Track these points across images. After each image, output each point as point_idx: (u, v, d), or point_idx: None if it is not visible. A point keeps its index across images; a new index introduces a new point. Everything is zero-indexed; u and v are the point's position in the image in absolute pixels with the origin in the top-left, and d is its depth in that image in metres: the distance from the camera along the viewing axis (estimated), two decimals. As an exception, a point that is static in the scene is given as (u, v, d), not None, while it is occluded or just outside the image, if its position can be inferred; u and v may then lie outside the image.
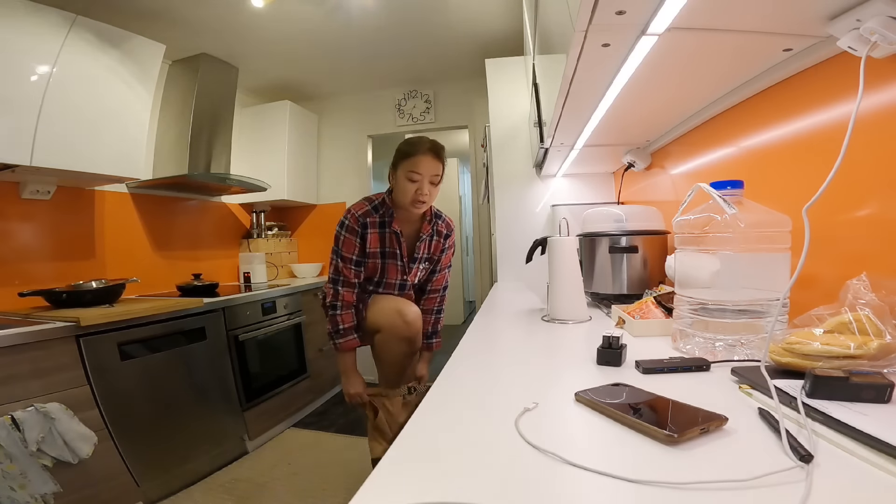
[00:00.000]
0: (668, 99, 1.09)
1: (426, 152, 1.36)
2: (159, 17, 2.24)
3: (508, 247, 2.30)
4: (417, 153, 1.36)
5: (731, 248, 0.74)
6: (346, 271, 1.41)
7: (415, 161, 1.36)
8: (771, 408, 0.51)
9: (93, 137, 1.90)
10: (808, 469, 0.39)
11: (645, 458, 0.44)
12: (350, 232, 1.40)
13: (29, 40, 1.71)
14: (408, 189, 1.37)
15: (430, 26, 2.59)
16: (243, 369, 2.27)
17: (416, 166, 1.35)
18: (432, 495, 0.39)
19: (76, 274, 2.09)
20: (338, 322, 1.41)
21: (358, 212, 1.41)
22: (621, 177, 1.97)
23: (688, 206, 0.82)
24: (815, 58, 0.76)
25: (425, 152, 1.36)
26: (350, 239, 1.40)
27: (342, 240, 1.41)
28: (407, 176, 1.36)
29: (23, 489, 1.28)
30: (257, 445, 2.31)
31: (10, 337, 1.35)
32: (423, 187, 1.36)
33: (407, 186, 1.37)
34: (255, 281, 2.95)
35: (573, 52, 0.77)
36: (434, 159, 1.37)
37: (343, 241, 1.41)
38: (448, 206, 5.56)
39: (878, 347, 0.53)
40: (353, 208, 1.43)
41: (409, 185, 1.36)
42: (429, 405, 0.63)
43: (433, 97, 3.53)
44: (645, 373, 0.70)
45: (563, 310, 1.19)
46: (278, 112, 3.24)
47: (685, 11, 0.63)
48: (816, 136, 0.79)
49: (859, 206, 0.70)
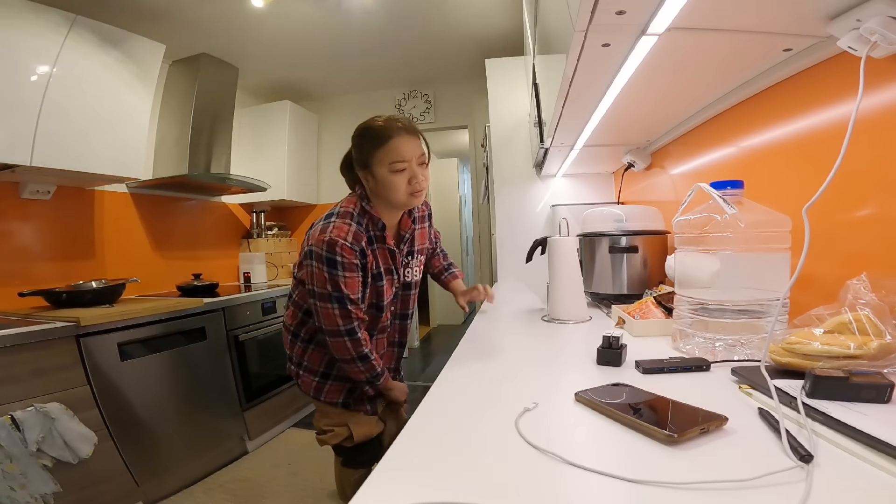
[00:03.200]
0: (668, 99, 1.09)
1: (400, 132, 1.07)
2: (159, 17, 2.24)
3: (508, 247, 2.30)
4: (391, 136, 1.06)
5: (731, 248, 0.74)
6: (358, 312, 1.11)
7: (392, 147, 1.06)
8: (771, 408, 0.51)
9: (93, 137, 1.90)
10: (808, 469, 0.39)
11: (645, 458, 0.44)
12: (350, 270, 1.07)
13: (29, 40, 1.71)
14: (397, 184, 1.07)
15: (431, 26, 2.59)
16: (243, 369, 2.27)
17: (397, 152, 1.06)
18: (432, 495, 0.39)
19: (76, 274, 2.09)
20: (374, 367, 1.15)
21: (347, 239, 1.06)
22: (621, 177, 1.97)
23: (688, 206, 0.82)
24: (815, 58, 0.76)
25: (399, 132, 1.07)
26: (353, 278, 1.09)
27: (344, 282, 1.06)
28: (389, 169, 1.06)
29: (23, 489, 1.28)
30: (257, 445, 2.31)
31: (10, 337, 1.35)
32: (415, 174, 1.08)
33: (394, 181, 1.07)
34: (255, 281, 2.95)
35: (573, 52, 0.77)
36: (412, 136, 1.09)
37: (346, 284, 1.07)
38: (448, 206, 5.56)
39: (878, 347, 0.53)
40: (336, 234, 1.05)
41: (395, 178, 1.07)
42: (429, 405, 0.63)
43: (433, 97, 3.53)
44: (645, 373, 0.70)
45: (563, 310, 1.19)
46: (278, 112, 3.25)
47: (685, 11, 0.63)
48: (816, 137, 0.79)
49: (859, 206, 0.70)
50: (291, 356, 1.27)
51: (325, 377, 1.24)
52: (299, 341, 1.25)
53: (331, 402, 1.23)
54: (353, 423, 1.23)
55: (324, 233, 1.07)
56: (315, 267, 1.07)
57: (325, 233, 1.06)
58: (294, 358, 1.27)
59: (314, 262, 1.07)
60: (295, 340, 1.25)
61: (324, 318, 1.10)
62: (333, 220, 1.10)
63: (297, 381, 1.27)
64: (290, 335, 1.27)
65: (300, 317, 1.24)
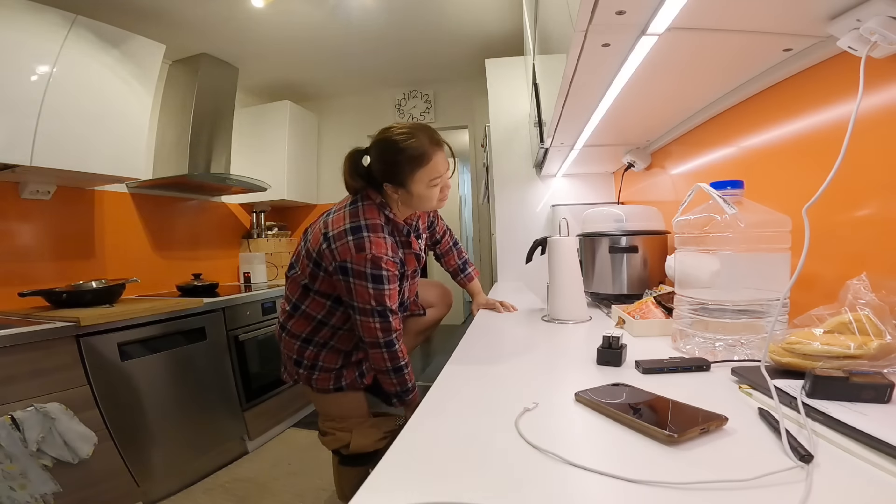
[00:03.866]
0: (668, 99, 1.09)
1: (436, 148, 1.10)
2: (159, 17, 2.24)
3: (508, 247, 2.30)
4: (432, 155, 1.09)
5: (731, 248, 0.74)
6: (397, 323, 1.13)
7: (433, 165, 1.10)
8: (771, 408, 0.51)
9: (93, 137, 1.90)
10: (808, 469, 0.39)
11: (645, 458, 0.44)
12: (393, 282, 1.10)
13: (29, 40, 1.71)
14: (433, 196, 1.14)
15: (431, 26, 2.59)
16: (243, 369, 2.27)
17: (436, 170, 1.11)
18: (432, 495, 0.39)
19: (76, 274, 2.09)
20: (407, 380, 1.17)
21: (388, 253, 1.09)
22: (621, 177, 1.97)
23: (688, 206, 0.82)
24: (815, 58, 0.76)
25: (436, 149, 1.10)
26: (395, 289, 1.11)
27: (388, 295, 1.08)
28: (428, 185, 1.11)
29: (23, 489, 1.28)
30: (257, 445, 2.30)
31: (10, 337, 1.35)
32: (447, 184, 1.15)
33: (430, 194, 1.13)
34: (255, 281, 2.95)
35: (573, 52, 0.77)
36: (442, 150, 1.13)
37: (390, 296, 1.09)
38: (448, 206, 5.56)
39: (878, 347, 0.53)
40: (378, 251, 1.07)
41: (432, 191, 1.13)
42: (429, 405, 0.63)
43: (433, 97, 3.53)
44: (645, 373, 0.70)
45: (563, 310, 1.19)
46: (278, 112, 3.25)
47: (685, 11, 0.63)
48: (816, 136, 0.79)
49: (859, 206, 0.70)
50: (300, 360, 1.25)
51: (341, 368, 1.25)
52: (312, 346, 1.24)
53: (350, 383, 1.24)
54: (356, 433, 1.25)
55: (362, 250, 1.06)
56: (357, 284, 1.07)
57: (365, 250, 1.06)
58: (305, 362, 1.25)
59: (354, 279, 1.07)
60: (306, 346, 1.24)
61: (364, 331, 1.11)
62: (367, 235, 1.08)
63: (307, 382, 1.25)
64: (298, 341, 1.24)
65: (314, 325, 1.23)
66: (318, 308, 1.20)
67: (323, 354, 1.24)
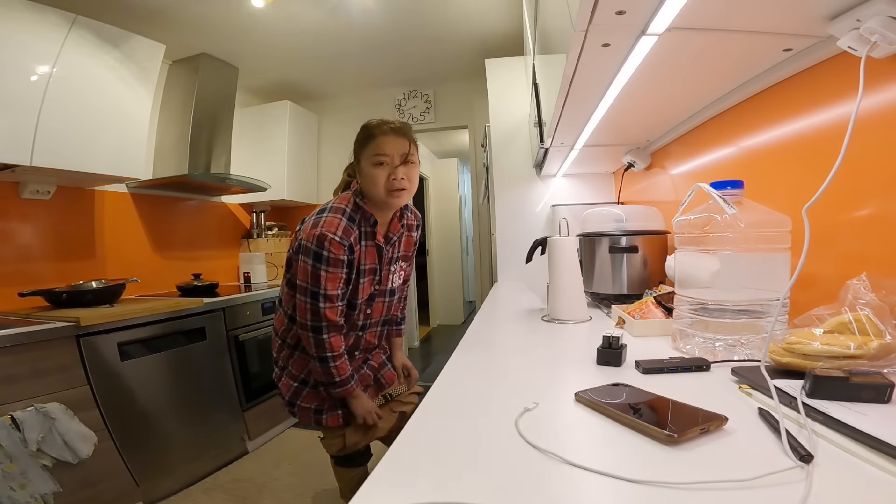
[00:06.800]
0: (668, 99, 1.09)
1: (387, 132, 1.13)
2: (159, 17, 2.23)
3: (508, 247, 2.30)
4: (377, 134, 1.13)
5: (731, 248, 0.74)
6: (329, 314, 1.11)
7: (376, 143, 1.12)
8: (771, 408, 0.51)
9: (93, 137, 1.90)
10: (808, 469, 0.39)
11: (645, 458, 0.44)
12: (334, 265, 1.09)
13: (29, 40, 1.71)
14: (377, 176, 1.11)
15: (431, 26, 2.59)
16: (243, 369, 2.27)
17: (379, 147, 1.11)
18: (432, 495, 0.39)
19: (76, 274, 2.09)
20: (332, 374, 1.14)
21: (337, 233, 1.08)
22: (621, 177, 1.97)
23: (688, 206, 0.82)
24: (815, 58, 0.76)
25: (385, 131, 1.13)
26: (335, 273, 1.10)
27: (324, 277, 1.08)
28: (371, 162, 1.12)
29: (23, 489, 1.28)
30: (257, 445, 2.31)
31: (10, 337, 1.35)
32: (395, 170, 1.12)
33: (375, 173, 1.11)
34: (255, 281, 2.95)
35: (573, 52, 0.77)
36: (398, 136, 1.13)
37: (327, 279, 1.08)
38: (448, 206, 5.57)
39: (878, 347, 0.53)
40: (326, 229, 1.08)
41: (376, 170, 1.11)
42: (429, 405, 0.63)
43: (433, 97, 3.52)
44: (645, 373, 0.70)
45: (563, 310, 1.19)
46: (278, 112, 3.24)
47: (685, 11, 0.63)
48: (816, 136, 0.79)
49: (859, 206, 0.70)
50: (277, 360, 1.28)
51: (303, 383, 1.25)
52: (286, 346, 1.26)
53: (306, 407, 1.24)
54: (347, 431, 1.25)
55: (315, 227, 1.10)
56: (302, 261, 1.11)
57: (317, 227, 1.09)
58: (279, 362, 1.28)
59: (302, 255, 1.10)
60: (283, 346, 1.26)
61: (298, 309, 1.14)
62: (325, 215, 1.13)
63: (277, 384, 1.27)
64: (278, 339, 1.28)
65: (286, 322, 1.25)
66: (288, 302, 1.22)
67: (294, 358, 1.25)
